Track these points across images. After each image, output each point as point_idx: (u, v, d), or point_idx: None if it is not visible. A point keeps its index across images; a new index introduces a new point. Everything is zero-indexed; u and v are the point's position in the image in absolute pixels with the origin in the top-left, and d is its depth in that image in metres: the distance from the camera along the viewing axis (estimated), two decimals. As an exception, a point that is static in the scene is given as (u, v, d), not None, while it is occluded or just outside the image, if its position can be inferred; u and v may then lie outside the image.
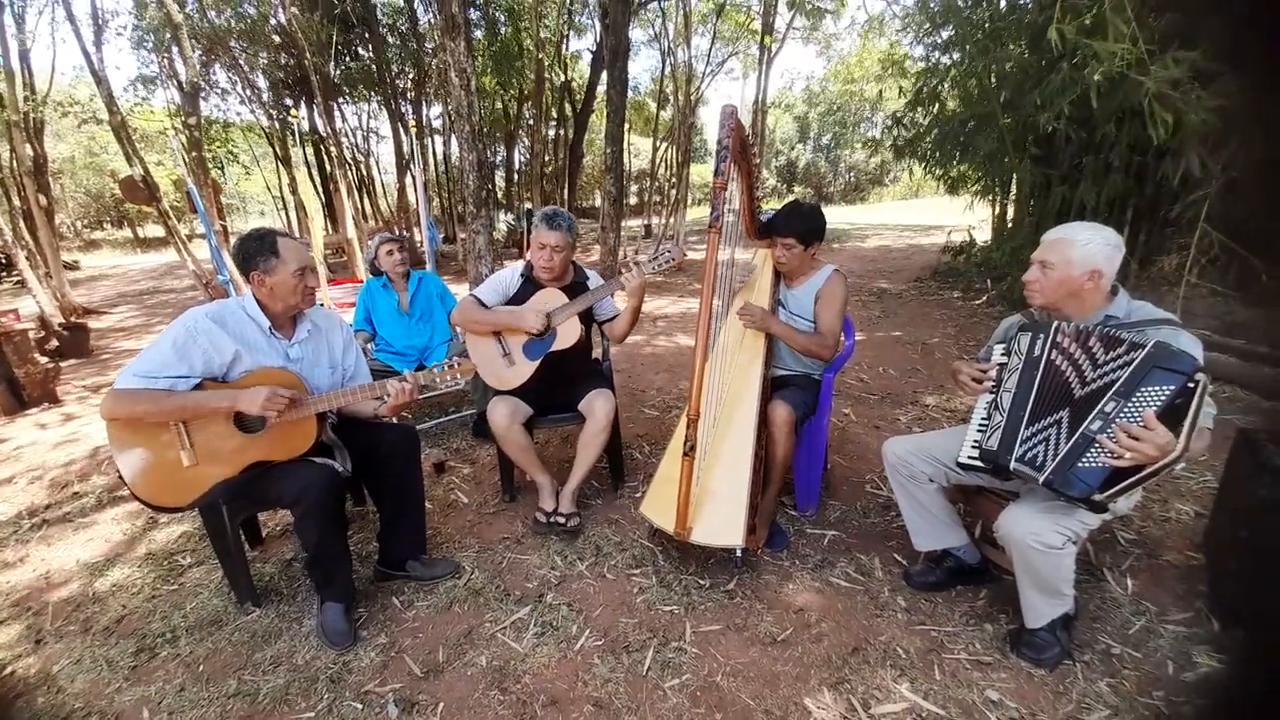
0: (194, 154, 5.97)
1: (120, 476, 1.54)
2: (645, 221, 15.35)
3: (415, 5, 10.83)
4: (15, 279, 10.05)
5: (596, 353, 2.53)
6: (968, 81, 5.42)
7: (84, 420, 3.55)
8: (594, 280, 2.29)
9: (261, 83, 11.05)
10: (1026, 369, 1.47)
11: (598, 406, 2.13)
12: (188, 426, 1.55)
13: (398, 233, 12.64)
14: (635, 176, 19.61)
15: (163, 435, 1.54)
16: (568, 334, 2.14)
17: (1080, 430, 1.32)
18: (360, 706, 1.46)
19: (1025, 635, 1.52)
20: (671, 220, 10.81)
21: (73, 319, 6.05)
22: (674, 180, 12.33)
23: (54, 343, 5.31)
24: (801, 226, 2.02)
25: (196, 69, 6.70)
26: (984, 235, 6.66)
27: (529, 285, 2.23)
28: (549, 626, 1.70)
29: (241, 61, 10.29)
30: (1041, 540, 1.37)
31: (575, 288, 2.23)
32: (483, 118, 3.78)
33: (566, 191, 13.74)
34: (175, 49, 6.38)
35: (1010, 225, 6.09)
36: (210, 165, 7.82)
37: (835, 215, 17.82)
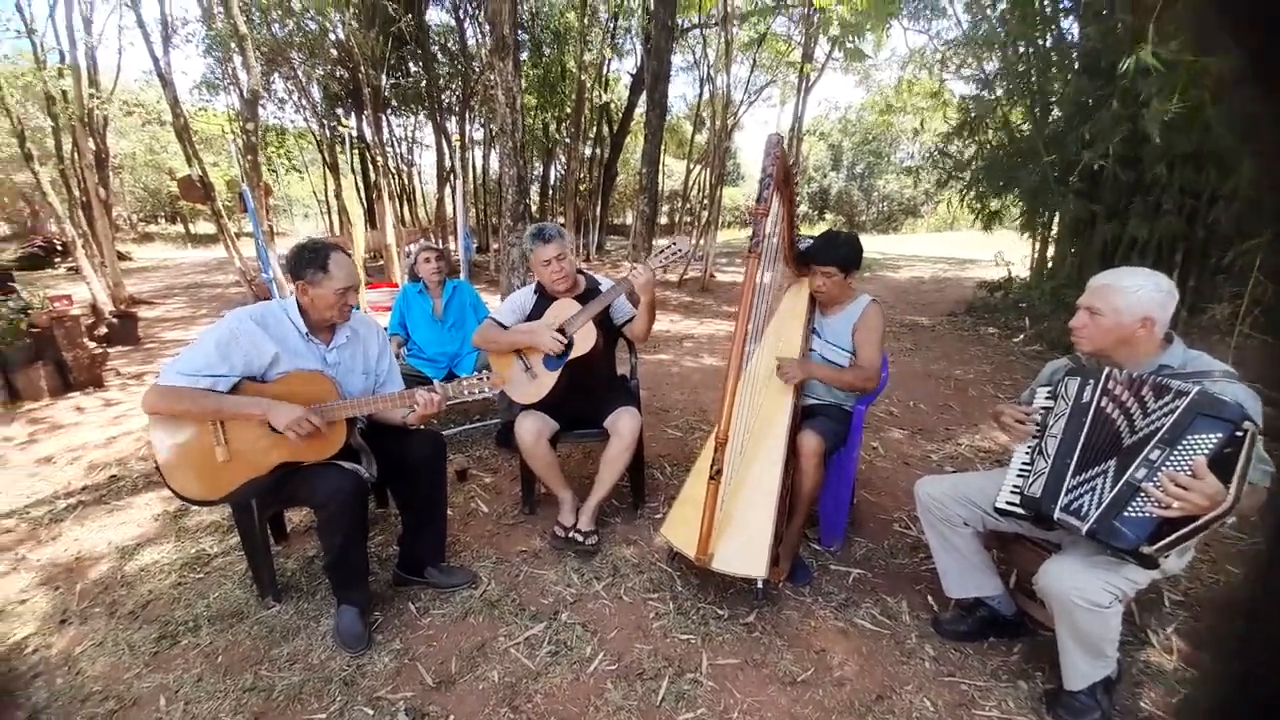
0: (249, 158, 6.25)
1: (156, 465, 1.58)
2: (676, 240, 15.43)
3: (465, 25, 11.29)
4: (70, 265, 10.61)
5: (624, 369, 2.53)
6: (1011, 114, 5.36)
7: (126, 405, 3.68)
8: (606, 286, 2.30)
9: (316, 93, 11.59)
10: (1074, 415, 1.42)
11: (623, 424, 2.12)
12: (224, 423, 1.59)
13: (435, 240, 13.01)
14: (667, 196, 19.84)
15: (200, 429, 1.58)
16: (584, 340, 2.15)
17: (1125, 478, 1.27)
18: (371, 712, 1.46)
19: (1064, 697, 1.43)
20: (703, 241, 10.86)
21: (123, 307, 6.32)
22: (706, 201, 12.44)
23: (103, 329, 5.56)
24: (842, 254, 2.01)
25: (258, 78, 7.05)
26: (1022, 271, 6.52)
27: (543, 301, 2.26)
28: (563, 646, 1.68)
29: (300, 72, 10.81)
30: (1087, 597, 1.30)
31: (588, 295, 2.25)
32: (524, 134, 3.87)
33: (599, 208, 13.96)
34: (239, 58, 6.73)
35: (1050, 263, 5.95)
36: (265, 169, 8.20)
37: (867, 244, 17.54)
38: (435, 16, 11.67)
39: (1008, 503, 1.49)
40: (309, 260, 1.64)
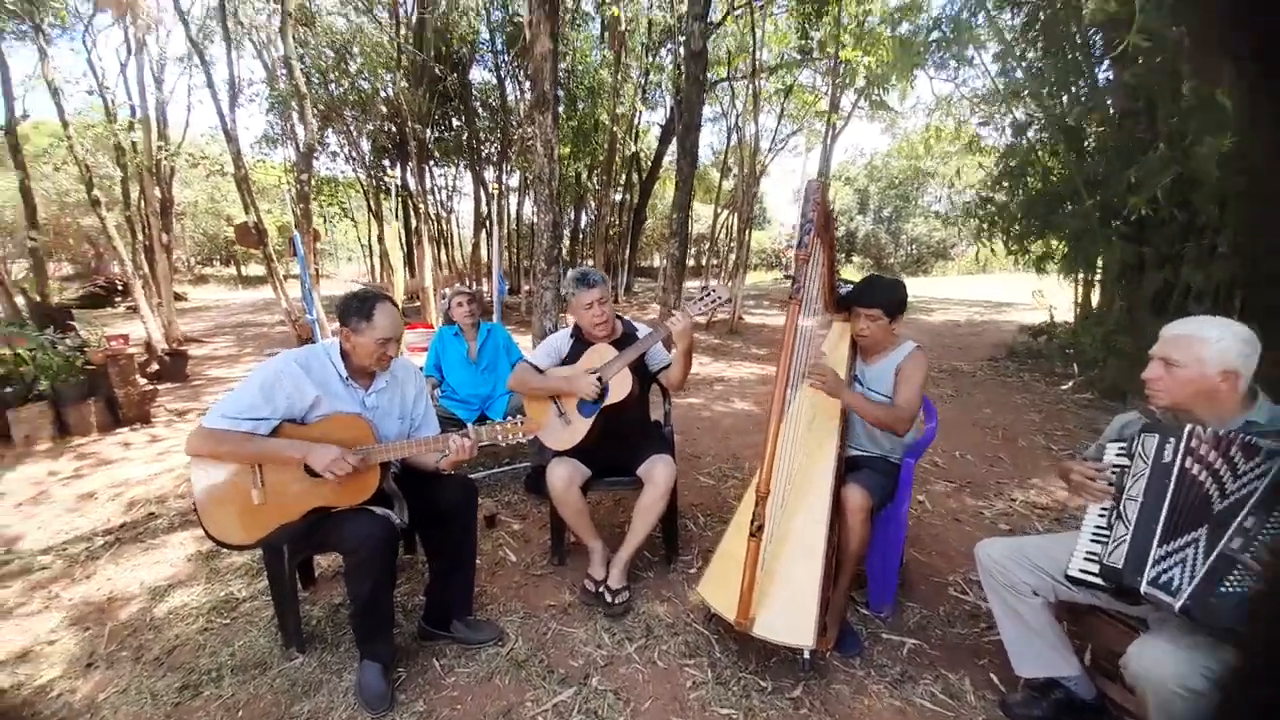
0: (302, 205, 6.62)
1: (194, 507, 1.58)
2: (703, 283, 15.60)
3: (506, 83, 11.99)
4: (129, 305, 11.25)
5: (658, 415, 2.48)
6: (1049, 161, 5.30)
7: (170, 442, 3.78)
8: (642, 331, 2.28)
9: (366, 146, 12.36)
10: (1155, 477, 1.29)
11: (658, 473, 2.05)
12: (262, 465, 1.59)
13: (469, 284, 13.40)
14: (694, 240, 20.18)
15: (238, 472, 1.58)
16: (619, 387, 2.11)
17: (1219, 549, 1.15)
18: (390, 783, 1.37)
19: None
20: (731, 283, 10.92)
21: (175, 346, 6.62)
22: (733, 245, 12.60)
23: (155, 366, 5.82)
24: (886, 297, 1.95)
25: (314, 133, 7.56)
26: (1064, 314, 6.29)
27: (579, 345, 2.24)
28: (594, 716, 1.56)
29: (351, 128, 11.58)
30: (1187, 685, 1.15)
31: (624, 341, 2.22)
32: (560, 182, 3.99)
33: (628, 251, 14.26)
34: (297, 115, 7.24)
35: (1096, 307, 5.73)
36: (315, 216, 8.69)
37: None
38: (478, 75, 12.44)
39: (1083, 571, 1.35)
40: (356, 309, 1.67)
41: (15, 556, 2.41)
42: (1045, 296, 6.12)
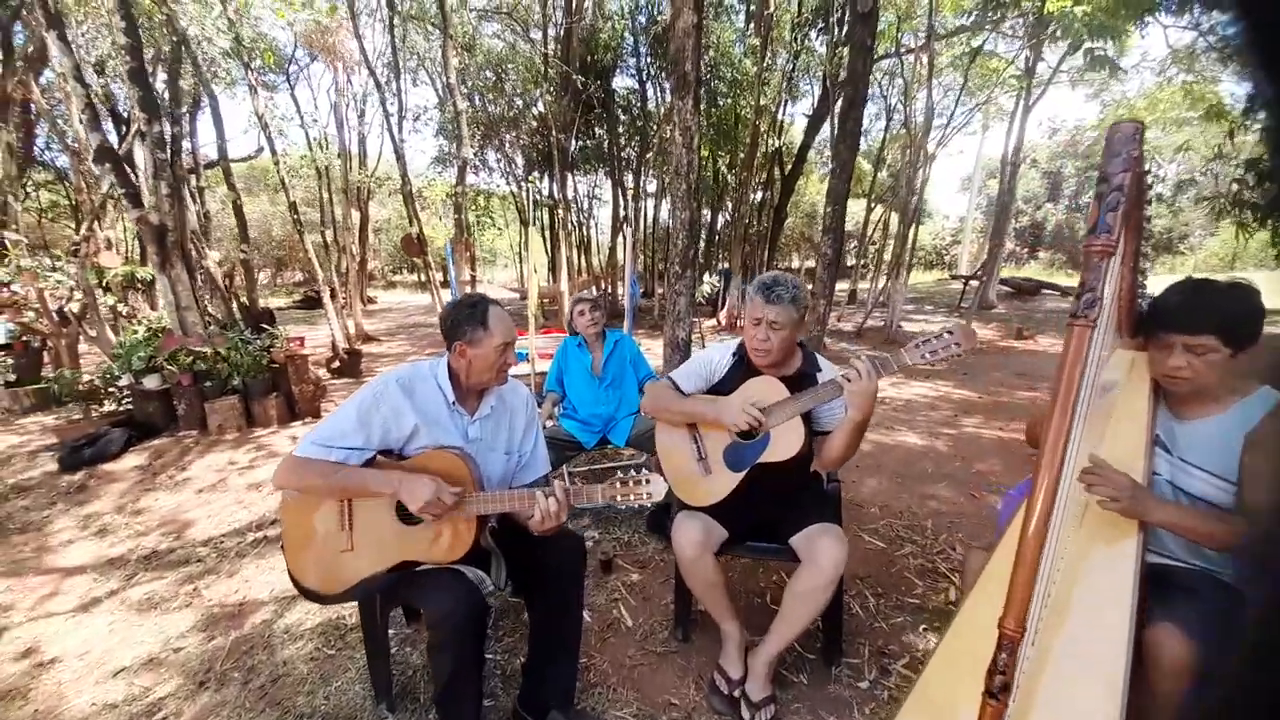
0: (457, 217, 7.08)
1: (282, 547, 1.41)
2: (851, 286, 14.21)
3: (647, 87, 11.97)
4: (340, 306, 13.33)
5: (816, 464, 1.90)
6: None
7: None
8: (827, 373, 1.69)
9: (520, 160, 13.23)
10: None
11: (823, 551, 1.50)
12: (352, 505, 1.37)
13: (604, 286, 13.66)
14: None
15: (325, 510, 1.37)
16: (785, 442, 1.57)
17: None
18: None
19: None
20: (889, 284, 9.65)
21: (355, 344, 7.46)
22: (887, 241, 11.22)
23: (337, 363, 6.56)
24: (1225, 316, 1.17)
25: (471, 149, 8.11)
26: None
27: (741, 369, 1.73)
28: None
29: (507, 144, 12.44)
30: None
31: (802, 380, 1.67)
32: (699, 178, 3.55)
33: (767, 253, 13.42)
34: (456, 133, 7.83)
35: None
36: (473, 226, 9.42)
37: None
38: (620, 81, 12.59)
39: None
40: (467, 317, 1.40)
41: (180, 546, 2.61)
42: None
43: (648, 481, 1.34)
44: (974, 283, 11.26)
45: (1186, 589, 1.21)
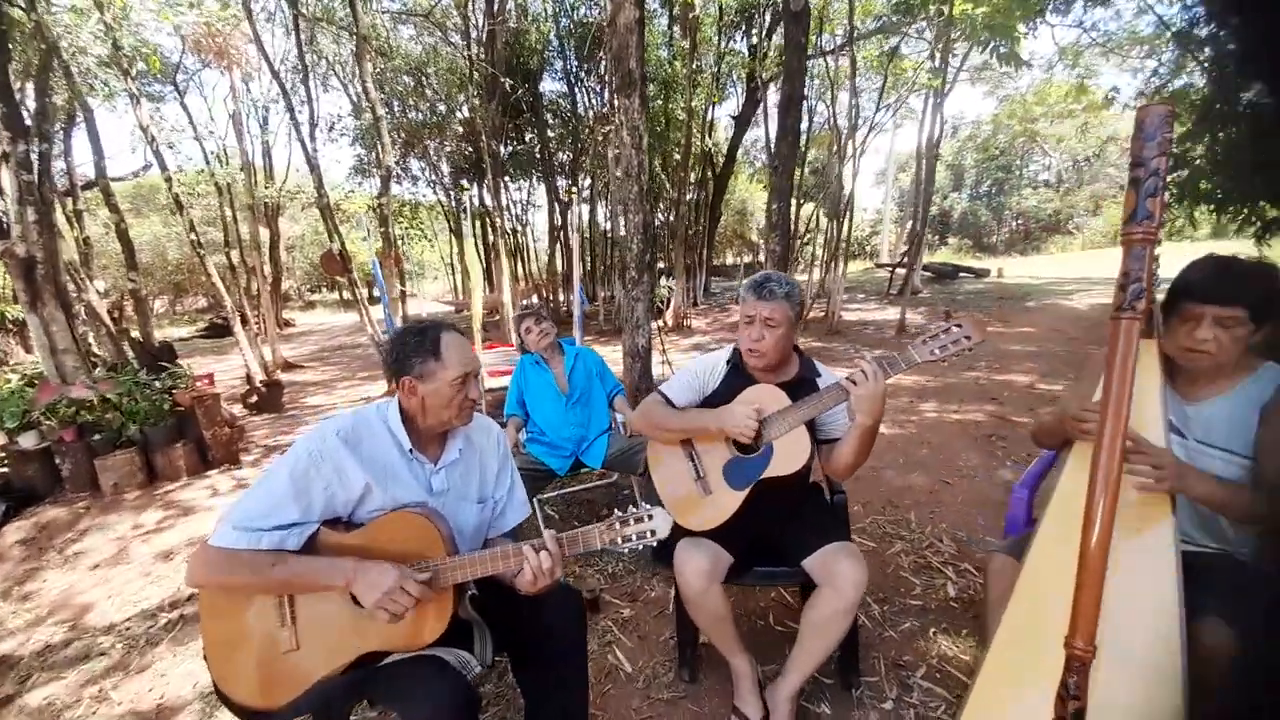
0: (382, 230, 6.58)
1: (205, 657, 1.12)
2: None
3: (576, 91, 11.77)
4: (253, 333, 12.19)
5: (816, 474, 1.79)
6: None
7: (257, 483, 3.59)
8: (827, 378, 1.59)
9: (445, 168, 12.63)
10: None
11: (842, 573, 1.38)
12: (293, 596, 1.10)
13: (545, 294, 13.30)
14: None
15: (259, 606, 1.10)
16: (790, 453, 1.45)
17: None
18: None
19: None
20: (824, 276, 9.98)
21: (273, 375, 6.78)
22: (810, 236, 11.68)
23: (254, 398, 5.91)
24: (1257, 289, 1.15)
25: (392, 156, 7.60)
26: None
27: (737, 377, 1.60)
28: None
29: (431, 151, 11.84)
30: None
31: (801, 386, 1.55)
32: (649, 177, 3.42)
33: (704, 251, 13.56)
34: (376, 141, 7.30)
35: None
36: (399, 238, 8.85)
37: (1017, 269, 15.38)
38: (548, 85, 12.32)
39: None
40: (415, 346, 1.17)
41: (77, 637, 2.16)
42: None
43: (650, 517, 1.16)
44: (899, 270, 11.85)
45: (1214, 574, 1.18)
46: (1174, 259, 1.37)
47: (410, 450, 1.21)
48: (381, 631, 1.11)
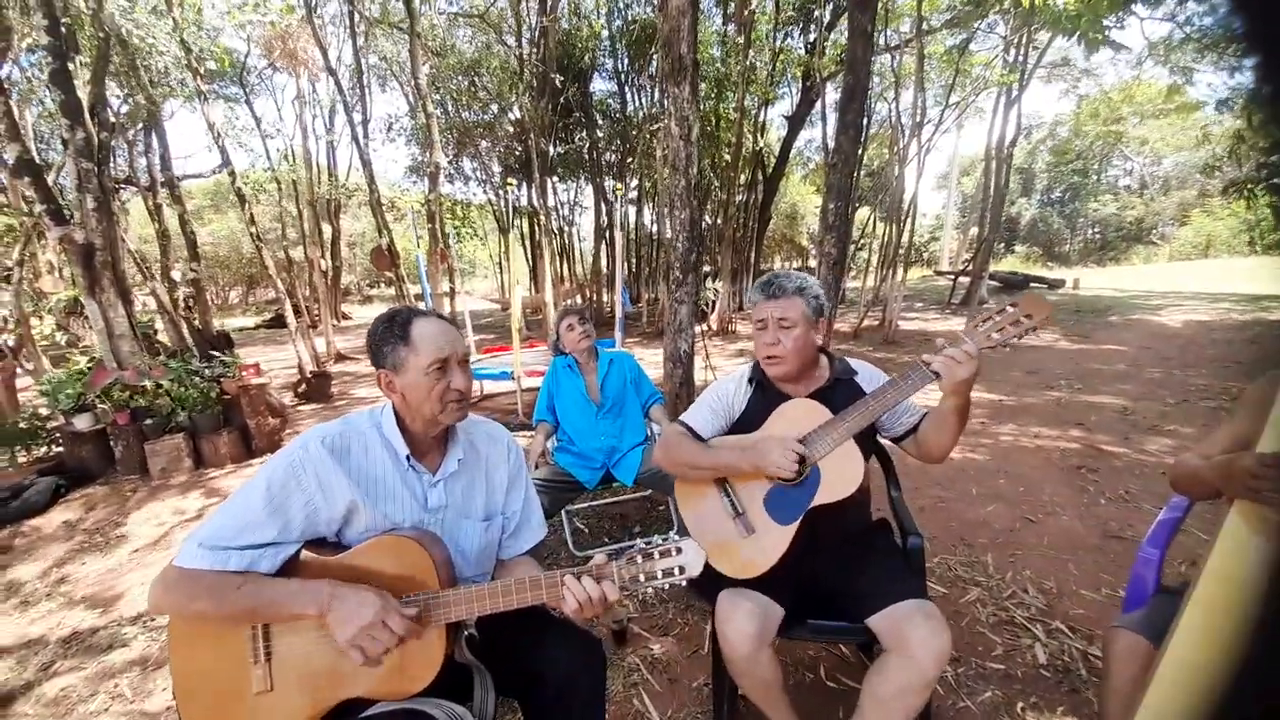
0: (429, 227, 6.66)
1: (174, 694, 0.99)
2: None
3: (626, 91, 11.70)
4: (311, 323, 12.75)
5: (876, 503, 1.54)
6: None
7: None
8: (868, 376, 1.38)
9: (496, 168, 12.82)
10: None
11: (918, 640, 1.12)
12: (268, 628, 0.96)
13: (589, 295, 13.27)
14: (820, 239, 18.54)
15: (228, 638, 0.96)
16: (841, 474, 1.23)
17: None
18: None
19: None
20: (879, 283, 9.47)
21: (323, 365, 6.95)
22: (859, 242, 11.09)
23: (304, 387, 6.06)
24: None
25: (442, 155, 7.69)
26: None
27: (764, 394, 1.40)
28: None
29: (483, 151, 12.03)
30: None
31: (837, 391, 1.34)
32: (698, 172, 3.20)
33: (753, 254, 13.20)
34: (427, 138, 7.40)
35: None
36: (449, 236, 9.00)
37: (1095, 280, 14.24)
38: (598, 85, 12.31)
39: None
40: (384, 334, 1.04)
41: (104, 625, 2.15)
42: None
43: (678, 550, 0.97)
44: (962, 279, 11.13)
45: None
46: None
47: (408, 458, 1.06)
48: (364, 675, 0.95)
